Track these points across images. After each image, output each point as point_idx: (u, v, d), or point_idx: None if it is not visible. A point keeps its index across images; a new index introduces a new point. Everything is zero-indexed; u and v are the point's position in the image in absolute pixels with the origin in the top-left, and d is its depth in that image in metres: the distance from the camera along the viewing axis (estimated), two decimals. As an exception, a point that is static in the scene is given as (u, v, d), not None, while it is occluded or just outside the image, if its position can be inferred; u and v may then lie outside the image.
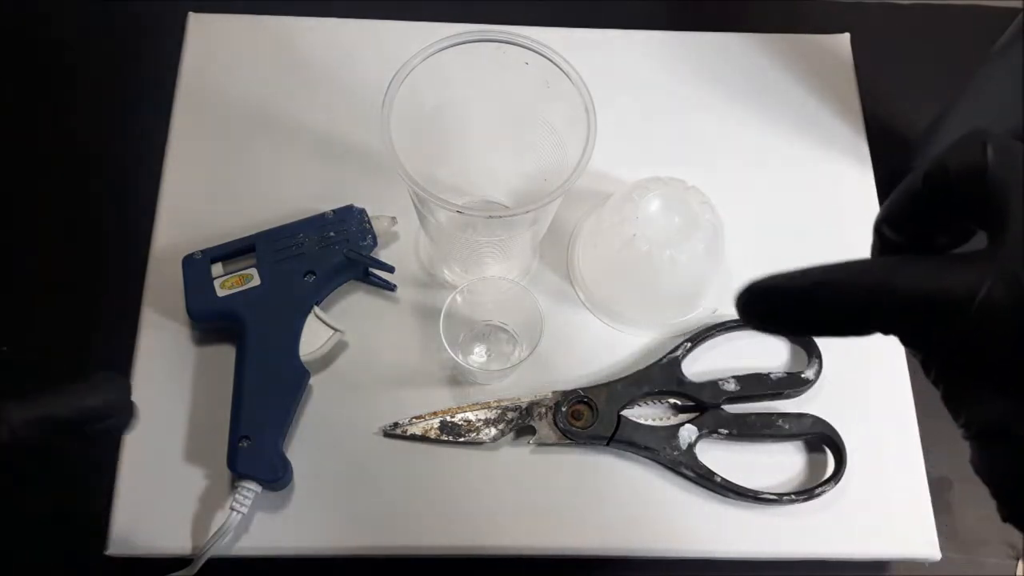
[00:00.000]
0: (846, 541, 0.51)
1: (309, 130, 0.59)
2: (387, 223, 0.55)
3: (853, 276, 0.24)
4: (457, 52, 0.46)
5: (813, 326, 0.26)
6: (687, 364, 0.53)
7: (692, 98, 0.62)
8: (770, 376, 0.53)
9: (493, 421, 0.51)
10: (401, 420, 0.51)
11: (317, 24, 0.63)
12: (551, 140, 0.49)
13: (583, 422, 0.51)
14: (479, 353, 0.54)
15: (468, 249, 0.52)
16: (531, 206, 0.44)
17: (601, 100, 0.45)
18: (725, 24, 0.65)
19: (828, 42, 0.65)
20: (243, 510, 0.48)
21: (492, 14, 0.59)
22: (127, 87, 0.64)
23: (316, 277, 0.52)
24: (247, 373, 0.50)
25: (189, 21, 0.62)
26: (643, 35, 0.64)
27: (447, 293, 0.50)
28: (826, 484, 0.51)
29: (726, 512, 0.51)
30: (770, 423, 0.52)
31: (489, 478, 0.51)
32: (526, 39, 0.46)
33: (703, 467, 0.51)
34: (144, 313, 0.54)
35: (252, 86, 0.61)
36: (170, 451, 0.50)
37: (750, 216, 0.57)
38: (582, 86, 0.46)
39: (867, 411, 0.53)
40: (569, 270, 0.57)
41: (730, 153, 0.61)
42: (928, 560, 0.51)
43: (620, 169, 0.58)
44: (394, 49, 0.47)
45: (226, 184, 0.57)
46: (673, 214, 0.52)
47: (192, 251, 0.53)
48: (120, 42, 0.65)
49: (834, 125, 0.62)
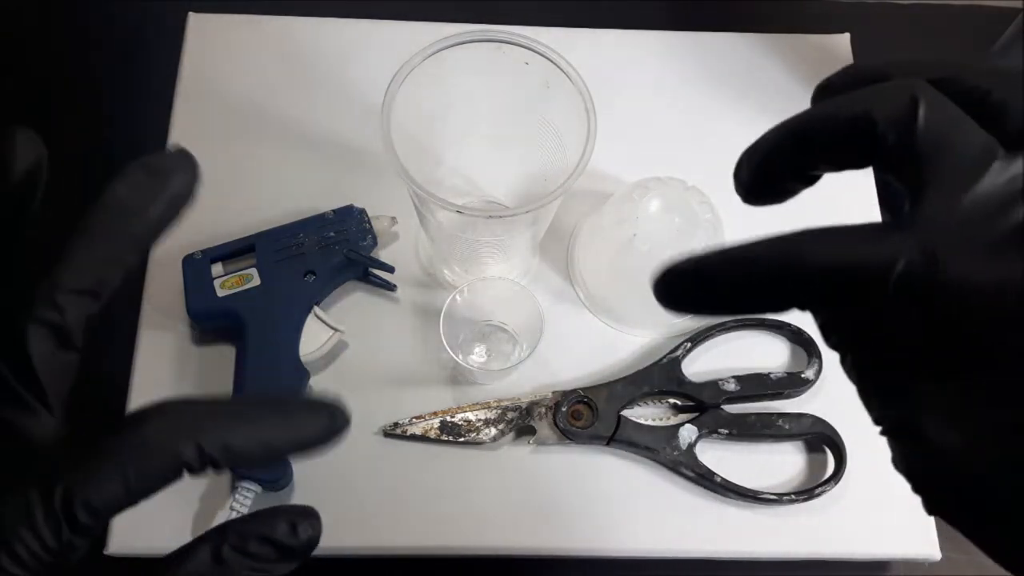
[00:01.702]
0: (846, 541, 0.51)
1: (309, 130, 0.59)
2: (387, 223, 0.55)
3: (763, 249, 0.23)
4: (457, 52, 0.46)
5: (726, 304, 0.24)
6: (687, 364, 0.53)
7: (692, 98, 0.62)
8: (770, 376, 0.53)
9: (493, 421, 0.51)
10: (401, 420, 0.51)
11: (317, 24, 0.63)
12: (551, 140, 0.49)
13: (583, 422, 0.51)
14: (479, 353, 0.54)
15: (468, 249, 0.52)
16: (531, 206, 0.44)
17: (601, 100, 0.45)
18: (725, 24, 0.65)
19: (828, 42, 0.65)
20: (243, 510, 0.48)
21: (492, 14, 0.59)
22: (127, 87, 0.64)
23: (316, 277, 0.52)
24: (247, 373, 0.50)
25: (189, 21, 0.62)
26: (643, 35, 0.64)
27: (447, 293, 0.50)
28: (826, 484, 0.51)
29: (726, 512, 0.51)
30: (770, 423, 0.52)
31: (489, 478, 0.51)
32: (526, 39, 0.46)
33: (703, 467, 0.51)
34: (144, 313, 0.54)
35: (252, 86, 0.61)
36: (170, 451, 0.50)
37: (750, 216, 0.57)
38: (582, 86, 0.46)
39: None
40: (569, 270, 0.57)
41: (730, 153, 0.60)
42: (928, 560, 0.51)
43: (620, 169, 0.58)
44: (394, 49, 0.47)
45: (226, 184, 0.57)
46: (673, 214, 0.52)
47: (192, 251, 0.53)
48: (120, 42, 0.65)
49: (834, 125, 0.62)
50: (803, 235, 0.22)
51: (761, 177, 0.26)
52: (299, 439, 0.26)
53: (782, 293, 0.23)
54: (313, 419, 0.26)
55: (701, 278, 0.24)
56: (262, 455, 0.25)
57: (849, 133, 0.23)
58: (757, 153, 0.26)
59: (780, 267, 0.22)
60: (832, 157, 0.24)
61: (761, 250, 0.23)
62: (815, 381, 0.53)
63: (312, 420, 0.26)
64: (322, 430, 0.26)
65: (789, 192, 0.26)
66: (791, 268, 0.22)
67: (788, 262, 0.22)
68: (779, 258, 0.22)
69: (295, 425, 0.26)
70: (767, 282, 0.23)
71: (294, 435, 0.26)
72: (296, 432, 0.26)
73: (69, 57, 0.65)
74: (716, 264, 0.23)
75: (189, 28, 0.62)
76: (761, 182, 0.26)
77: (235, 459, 0.24)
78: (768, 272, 0.22)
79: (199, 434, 0.24)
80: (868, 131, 0.23)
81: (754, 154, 0.26)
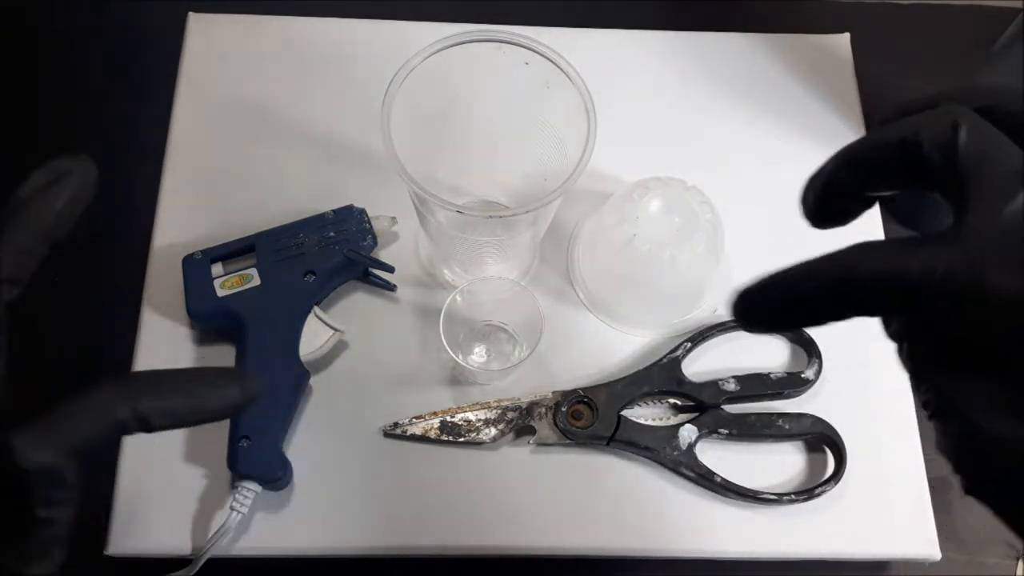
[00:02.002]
0: (846, 541, 0.51)
1: (309, 130, 0.59)
2: (387, 223, 0.55)
3: (821, 264, 0.25)
4: (457, 52, 0.46)
5: (795, 317, 0.27)
6: (687, 364, 0.53)
7: (692, 98, 0.62)
8: (770, 376, 0.53)
9: (493, 421, 0.51)
10: (401, 420, 0.51)
11: (317, 24, 0.63)
12: (551, 140, 0.49)
13: (583, 422, 0.51)
14: (479, 353, 0.54)
15: (468, 249, 0.52)
16: (531, 206, 0.44)
17: (601, 100, 0.45)
18: (725, 24, 0.65)
19: (828, 42, 0.65)
20: (243, 510, 0.48)
21: (492, 14, 0.59)
22: (127, 87, 0.64)
23: (316, 277, 0.52)
24: (247, 373, 0.50)
25: (189, 21, 0.62)
26: (643, 35, 0.64)
27: (447, 293, 0.50)
28: (826, 484, 0.51)
29: (726, 512, 0.51)
30: (770, 423, 0.52)
31: (489, 478, 0.51)
32: (526, 39, 0.46)
33: (703, 467, 0.51)
34: (144, 313, 0.54)
35: (252, 86, 0.61)
36: (170, 451, 0.50)
37: (750, 216, 0.57)
38: (582, 86, 0.46)
39: (867, 411, 0.53)
40: (569, 270, 0.57)
41: (730, 153, 0.61)
42: (928, 560, 0.51)
43: (620, 169, 0.58)
44: (394, 49, 0.47)
45: (226, 184, 0.57)
46: (673, 214, 0.52)
47: (192, 251, 0.53)
48: (120, 42, 0.65)
49: (834, 125, 0.62)
50: (856, 249, 0.25)
51: (824, 201, 0.28)
52: (219, 404, 0.30)
53: (842, 301, 0.25)
54: (229, 387, 0.30)
55: (771, 296, 0.26)
56: (188, 416, 0.29)
57: (899, 156, 0.26)
58: (819, 179, 0.28)
59: (838, 278, 0.25)
60: (885, 179, 0.27)
61: (820, 265, 0.25)
62: (815, 381, 0.53)
63: (228, 388, 0.30)
64: (237, 396, 0.30)
65: (851, 214, 0.29)
66: (848, 278, 0.25)
67: (845, 274, 0.25)
68: (837, 271, 0.25)
69: (217, 392, 0.30)
70: (828, 292, 0.25)
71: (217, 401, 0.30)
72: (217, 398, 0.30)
73: (69, 57, 0.65)
74: (782, 281, 0.26)
75: (189, 28, 0.62)
76: (824, 206, 0.29)
77: (165, 419, 0.29)
78: (828, 283, 0.25)
79: (135, 398, 0.28)
80: (916, 153, 0.25)
81: (816, 180, 0.28)
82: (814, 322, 0.26)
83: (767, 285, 0.26)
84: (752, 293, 0.27)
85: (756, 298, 0.27)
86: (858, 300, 0.25)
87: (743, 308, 0.27)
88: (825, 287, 0.25)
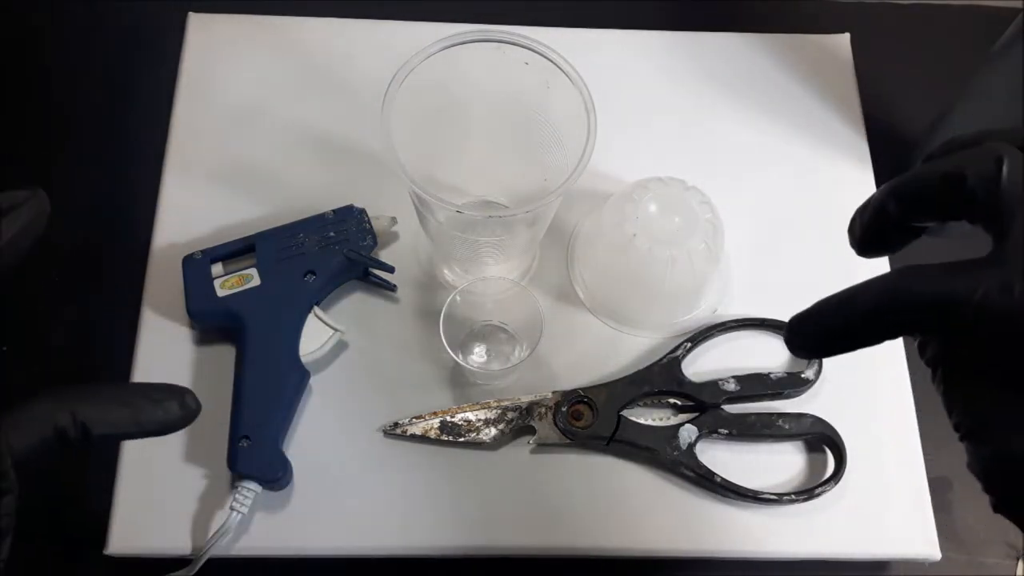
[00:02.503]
0: (846, 541, 0.51)
1: (309, 130, 0.60)
2: (387, 223, 0.55)
3: (866, 289, 0.27)
4: (457, 52, 0.46)
5: (844, 340, 0.28)
6: (687, 364, 0.53)
7: (692, 98, 0.62)
8: (770, 376, 0.53)
9: (493, 421, 0.51)
10: (401, 420, 0.51)
11: (317, 24, 0.63)
12: (551, 140, 0.49)
13: (583, 422, 0.51)
14: (479, 353, 0.54)
15: (468, 249, 0.52)
16: (531, 206, 0.44)
17: (601, 100, 0.45)
18: (725, 24, 0.65)
19: (828, 42, 0.65)
20: (243, 510, 0.48)
21: (492, 14, 0.59)
22: (127, 87, 0.64)
23: (316, 277, 0.52)
24: (247, 373, 0.50)
25: (189, 21, 0.62)
26: (643, 35, 0.64)
27: (447, 293, 0.50)
28: (826, 484, 0.51)
29: (726, 512, 0.51)
30: (770, 423, 0.52)
31: (489, 478, 0.51)
32: (526, 39, 0.46)
33: (703, 467, 0.51)
34: (144, 313, 0.54)
35: (252, 86, 0.61)
36: (170, 451, 0.50)
37: (750, 216, 0.57)
38: (582, 86, 0.46)
39: (867, 411, 0.53)
40: (569, 270, 0.57)
41: (730, 153, 0.61)
42: (928, 560, 0.51)
43: (620, 169, 0.58)
44: (394, 49, 0.47)
45: (226, 184, 0.57)
46: (673, 214, 0.52)
47: (192, 251, 0.53)
48: (120, 42, 0.65)
49: (834, 125, 0.62)
50: (900, 273, 0.26)
51: (872, 231, 0.30)
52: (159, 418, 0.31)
53: (888, 323, 0.27)
54: (168, 402, 0.31)
55: (822, 321, 0.28)
56: (130, 427, 0.30)
57: (944, 189, 0.27)
58: (867, 210, 0.30)
59: (882, 302, 0.27)
60: (930, 211, 0.28)
61: (865, 290, 0.27)
62: (815, 381, 0.53)
63: (168, 403, 0.31)
64: (176, 410, 0.31)
65: (898, 244, 0.30)
66: (892, 302, 0.26)
67: (889, 297, 0.26)
68: (882, 295, 0.27)
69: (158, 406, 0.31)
70: (875, 315, 0.27)
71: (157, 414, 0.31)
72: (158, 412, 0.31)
73: (69, 57, 0.65)
74: (832, 306, 0.28)
75: (189, 28, 0.62)
76: (872, 235, 0.30)
77: (105, 428, 0.29)
78: (874, 307, 0.27)
79: (75, 406, 0.28)
80: (960, 187, 0.26)
81: (864, 211, 0.30)
82: (860, 344, 0.28)
83: (817, 311, 0.28)
84: (802, 321, 0.29)
85: (804, 327, 0.29)
86: (902, 322, 0.27)
87: (790, 336, 0.29)
88: (873, 310, 0.27)
